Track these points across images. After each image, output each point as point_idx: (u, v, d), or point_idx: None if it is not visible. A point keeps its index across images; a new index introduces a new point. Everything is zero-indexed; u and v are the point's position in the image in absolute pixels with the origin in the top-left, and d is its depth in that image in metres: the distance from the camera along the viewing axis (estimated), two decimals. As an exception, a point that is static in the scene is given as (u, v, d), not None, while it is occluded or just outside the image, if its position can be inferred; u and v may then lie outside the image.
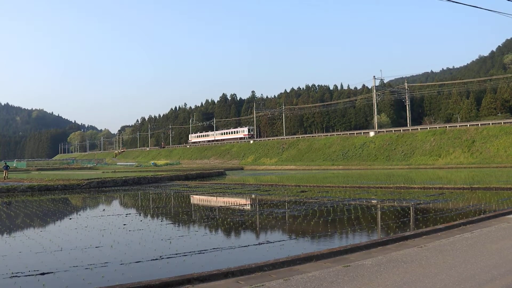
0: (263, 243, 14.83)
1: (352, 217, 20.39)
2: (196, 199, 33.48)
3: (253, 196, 34.55)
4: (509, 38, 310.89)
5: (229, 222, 19.77)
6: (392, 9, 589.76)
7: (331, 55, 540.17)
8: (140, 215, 23.81)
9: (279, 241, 15.21)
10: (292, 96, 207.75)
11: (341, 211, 22.57)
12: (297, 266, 10.51)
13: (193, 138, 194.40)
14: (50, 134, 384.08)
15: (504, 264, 9.92)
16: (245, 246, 14.44)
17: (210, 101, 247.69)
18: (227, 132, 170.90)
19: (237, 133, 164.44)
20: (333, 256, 11.43)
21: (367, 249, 12.26)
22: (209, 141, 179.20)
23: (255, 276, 9.75)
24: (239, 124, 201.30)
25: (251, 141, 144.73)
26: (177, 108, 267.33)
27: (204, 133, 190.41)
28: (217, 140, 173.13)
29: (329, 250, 11.85)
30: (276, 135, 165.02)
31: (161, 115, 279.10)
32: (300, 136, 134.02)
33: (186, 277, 9.45)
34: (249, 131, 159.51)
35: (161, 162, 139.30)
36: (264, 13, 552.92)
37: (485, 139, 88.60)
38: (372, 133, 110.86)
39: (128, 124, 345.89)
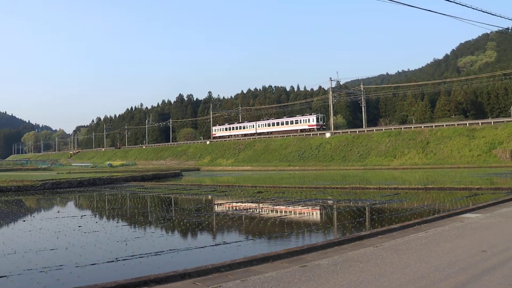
0: (220, 244, 14.83)
1: (308, 218, 20.50)
2: (152, 200, 33.27)
3: (209, 197, 34.50)
4: (463, 42, 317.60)
5: (185, 223, 19.71)
6: (349, 12, 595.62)
7: (287, 56, 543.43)
8: (95, 216, 23.58)
9: (236, 241, 15.23)
10: (249, 97, 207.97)
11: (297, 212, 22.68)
12: (254, 267, 10.53)
13: (219, 131, 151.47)
14: (3, 134, 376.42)
15: (457, 263, 10.10)
16: (201, 247, 14.42)
17: (166, 101, 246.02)
18: (279, 123, 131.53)
19: (297, 123, 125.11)
20: (289, 257, 11.48)
21: (324, 249, 12.35)
22: (245, 134, 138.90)
23: (212, 277, 9.75)
24: (195, 126, 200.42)
25: (208, 142, 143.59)
26: (133, 109, 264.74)
27: (235, 125, 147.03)
28: (260, 134, 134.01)
29: (286, 250, 11.90)
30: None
31: (117, 116, 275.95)
32: (257, 137, 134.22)
33: (143, 279, 9.40)
34: (317, 120, 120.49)
35: (116, 163, 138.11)
36: (221, 12, 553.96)
37: (439, 140, 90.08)
38: (328, 134, 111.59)
39: (83, 125, 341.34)
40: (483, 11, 24.22)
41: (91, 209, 28.03)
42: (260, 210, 23.98)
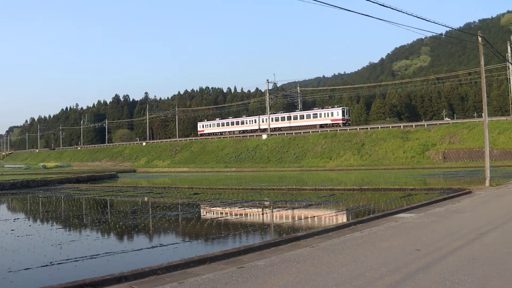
0: (157, 246, 14.71)
1: (245, 219, 20.53)
2: (87, 202, 32.77)
3: (146, 198, 34.21)
4: (398, 46, 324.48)
5: (121, 226, 19.49)
6: (286, 15, 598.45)
7: (224, 57, 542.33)
8: (29, 219, 23.06)
9: (172, 244, 15.12)
10: (186, 98, 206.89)
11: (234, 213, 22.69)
12: (191, 269, 10.48)
13: (208, 128, 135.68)
14: None
15: (392, 262, 10.27)
16: (138, 250, 14.26)
17: (102, 102, 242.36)
18: (290, 117, 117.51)
19: (316, 117, 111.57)
20: (226, 258, 11.46)
21: (261, 250, 12.37)
22: (243, 131, 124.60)
23: (149, 280, 9.65)
24: (131, 127, 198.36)
25: (144, 143, 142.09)
26: (68, 109, 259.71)
27: (232, 120, 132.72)
28: (265, 130, 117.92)
29: (223, 252, 11.88)
30: (169, 137, 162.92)
31: (52, 116, 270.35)
32: (194, 138, 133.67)
33: (78, 283, 9.22)
34: (343, 114, 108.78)
35: (51, 165, 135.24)
36: (155, 13, 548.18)
37: (374, 142, 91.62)
38: (265, 136, 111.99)
39: (16, 125, 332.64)
40: (418, 17, 24.71)
41: (24, 212, 27.44)
42: (197, 212, 23.88)
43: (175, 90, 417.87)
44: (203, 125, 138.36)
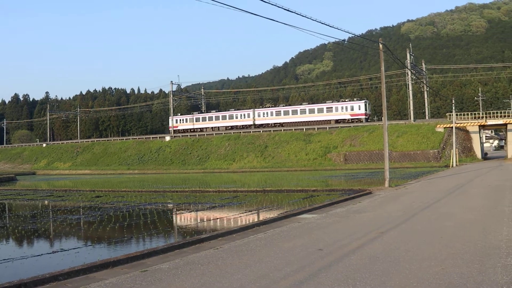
0: (58, 251, 14.33)
1: (149, 221, 20.32)
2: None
3: (46, 202, 33.31)
4: (302, 50, 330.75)
5: (20, 231, 18.86)
6: (190, 16, 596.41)
7: (128, 57, 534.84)
8: None
9: (74, 248, 14.78)
10: (88, 99, 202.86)
11: (137, 215, 22.42)
12: (93, 274, 10.26)
13: (183, 123, 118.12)
14: None
15: (296, 262, 10.40)
16: (38, 255, 13.84)
17: (0, 101, 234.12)
18: (296, 111, 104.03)
19: (331, 111, 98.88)
20: (130, 262, 11.30)
21: (164, 253, 12.27)
22: (231, 127, 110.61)
23: (50, 286, 9.37)
24: (31, 128, 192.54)
25: (44, 144, 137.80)
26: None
27: (215, 114, 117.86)
28: (260, 126, 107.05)
29: (126, 255, 11.70)
30: (71, 139, 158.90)
31: None
32: (96, 139, 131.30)
33: (-28, 291, 8.87)
34: (366, 108, 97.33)
35: None
36: (59, 8, 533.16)
37: (277, 144, 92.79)
38: (168, 138, 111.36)
39: None
40: (322, 23, 25.11)
41: None
42: (100, 215, 23.41)
43: (77, 90, 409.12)
44: (177, 120, 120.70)
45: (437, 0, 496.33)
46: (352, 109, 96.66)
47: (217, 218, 21.05)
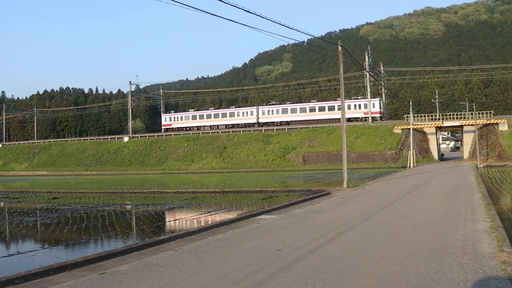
0: (14, 254, 14.09)
1: (107, 223, 20.11)
2: None
3: (1, 204, 32.76)
4: (261, 52, 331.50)
5: (-26, 233, 18.52)
6: (149, 15, 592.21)
7: (86, 57, 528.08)
8: None
9: (31, 251, 14.55)
10: (45, 99, 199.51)
11: (95, 217, 22.19)
12: (51, 277, 10.11)
13: (177, 122, 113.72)
14: None
15: (255, 262, 10.41)
16: (-7, 258, 13.60)
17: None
18: (305, 109, 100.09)
19: (349, 108, 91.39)
20: (88, 264, 11.17)
21: (123, 255, 12.16)
22: (232, 125, 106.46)
23: (5, 290, 9.24)
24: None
25: (0, 145, 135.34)
26: None
27: (213, 111, 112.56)
28: (263, 125, 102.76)
29: (84, 258, 11.56)
30: (27, 139, 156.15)
31: None
32: (53, 140, 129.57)
33: None
34: (380, 106, 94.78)
35: None
36: (16, 6, 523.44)
37: (236, 145, 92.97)
38: (126, 138, 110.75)
39: None
40: (282, 25, 25.17)
41: None
42: (57, 217, 23.09)
43: (34, 90, 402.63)
44: (170, 118, 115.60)
45: (395, 4, 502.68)
46: (366, 107, 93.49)
47: (176, 219, 20.98)
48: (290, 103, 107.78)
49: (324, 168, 75.05)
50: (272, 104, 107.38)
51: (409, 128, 72.80)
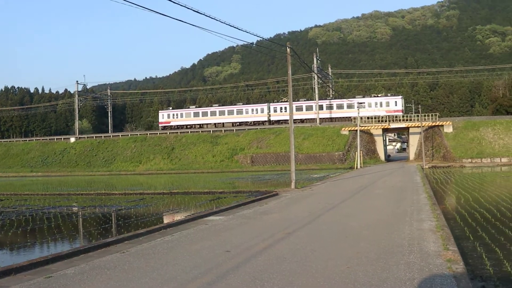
0: (-45, 258, 13.75)
1: (53, 225, 19.82)
2: None
3: None
4: (210, 52, 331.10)
5: None
6: (95, 15, 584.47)
7: (31, 56, 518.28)
8: None
9: (-27, 254, 14.23)
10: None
11: (41, 220, 21.84)
12: (-6, 280, 9.92)
13: (176, 119, 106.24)
14: None
15: (203, 264, 10.40)
16: None
17: None
18: (322, 106, 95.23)
19: (370, 106, 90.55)
20: (33, 268, 10.97)
21: (69, 258, 11.99)
22: (239, 123, 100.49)
23: None
24: None
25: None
26: None
27: (218, 108, 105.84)
28: (275, 123, 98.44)
29: (29, 261, 11.35)
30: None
31: None
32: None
33: None
34: (402, 104, 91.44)
35: None
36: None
37: (184, 146, 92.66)
38: (73, 139, 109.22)
39: None
40: (231, 26, 25.15)
41: None
42: (1, 220, 22.63)
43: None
44: (168, 115, 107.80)
45: (344, 7, 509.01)
46: (387, 104, 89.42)
47: (123, 221, 20.78)
48: (304, 100, 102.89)
49: (272, 169, 75.37)
50: (284, 101, 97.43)
51: (357, 130, 73.62)
